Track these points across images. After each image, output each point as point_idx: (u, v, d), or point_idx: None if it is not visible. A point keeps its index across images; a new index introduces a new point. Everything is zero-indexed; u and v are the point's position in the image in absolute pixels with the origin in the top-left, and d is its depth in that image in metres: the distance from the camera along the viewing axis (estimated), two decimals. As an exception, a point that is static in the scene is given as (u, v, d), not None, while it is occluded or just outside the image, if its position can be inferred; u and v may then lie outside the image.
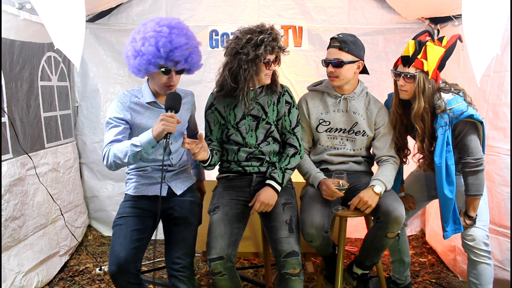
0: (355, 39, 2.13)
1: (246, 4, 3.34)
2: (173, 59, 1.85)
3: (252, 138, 2.08)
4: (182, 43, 1.85)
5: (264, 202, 1.99)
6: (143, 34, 1.83)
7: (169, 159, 2.07)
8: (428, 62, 1.98)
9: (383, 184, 2.04)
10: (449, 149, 2.02)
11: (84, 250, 3.21)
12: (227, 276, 1.89)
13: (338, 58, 2.07)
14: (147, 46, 1.80)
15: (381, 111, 2.20)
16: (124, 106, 1.95)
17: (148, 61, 1.82)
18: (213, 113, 2.09)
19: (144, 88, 2.01)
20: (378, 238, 2.04)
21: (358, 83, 2.21)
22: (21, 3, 2.39)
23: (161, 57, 1.82)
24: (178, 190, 2.09)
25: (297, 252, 1.91)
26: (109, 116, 1.94)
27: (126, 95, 1.99)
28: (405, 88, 2.04)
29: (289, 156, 2.10)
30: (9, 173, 2.39)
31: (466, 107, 1.98)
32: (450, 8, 2.81)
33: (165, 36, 1.81)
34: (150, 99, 1.98)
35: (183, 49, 1.85)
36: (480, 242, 2.10)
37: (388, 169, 2.13)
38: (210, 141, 2.11)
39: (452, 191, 2.05)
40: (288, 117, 2.11)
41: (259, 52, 1.88)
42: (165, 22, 1.87)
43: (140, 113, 1.98)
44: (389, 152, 2.19)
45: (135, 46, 1.83)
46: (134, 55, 1.84)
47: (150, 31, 1.82)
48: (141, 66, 1.84)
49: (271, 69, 1.98)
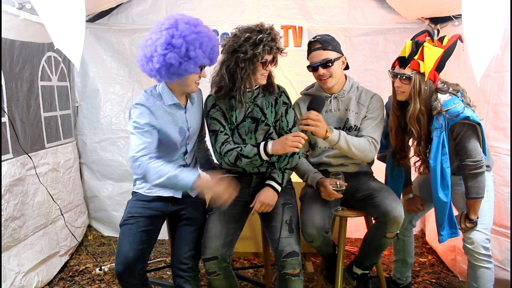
0: (332, 37, 2.14)
1: (246, 4, 3.34)
2: (212, 57, 1.89)
3: (251, 140, 2.08)
4: (216, 39, 1.91)
5: (265, 203, 1.99)
6: (182, 39, 1.77)
7: (184, 159, 2.05)
8: (424, 63, 1.95)
9: (341, 135, 1.99)
10: (444, 152, 1.99)
11: (84, 250, 3.21)
12: (222, 276, 1.90)
13: (326, 57, 2.07)
14: (194, 50, 1.78)
15: (372, 100, 2.17)
16: (150, 110, 1.88)
17: (196, 64, 1.81)
18: (218, 111, 2.07)
19: (163, 90, 1.94)
20: (377, 238, 2.04)
21: (346, 80, 2.20)
22: (21, 3, 2.39)
23: (205, 57, 1.84)
24: (193, 192, 2.06)
25: (297, 253, 1.91)
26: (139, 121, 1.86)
27: (148, 97, 1.92)
28: (402, 89, 2.03)
29: (288, 156, 2.09)
30: (9, 173, 2.39)
31: (462, 108, 1.94)
32: (450, 8, 2.81)
33: (204, 36, 1.83)
34: (172, 101, 1.94)
35: (217, 45, 1.91)
36: (479, 246, 2.08)
37: (358, 138, 2.06)
38: (226, 135, 2.03)
39: (447, 195, 2.03)
40: (285, 117, 2.10)
41: (257, 51, 1.88)
42: (193, 20, 1.85)
43: (164, 118, 1.92)
44: (369, 133, 2.10)
45: (179, 52, 1.76)
46: (179, 62, 1.77)
47: (189, 33, 1.78)
48: (187, 70, 1.81)
49: (267, 70, 1.98)
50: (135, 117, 1.87)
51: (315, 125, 1.92)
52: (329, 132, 1.96)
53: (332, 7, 3.35)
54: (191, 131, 2.03)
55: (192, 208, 2.04)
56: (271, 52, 1.93)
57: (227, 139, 2.03)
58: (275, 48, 1.92)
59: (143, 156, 1.81)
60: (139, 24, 3.34)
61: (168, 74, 1.82)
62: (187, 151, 2.05)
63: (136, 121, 1.86)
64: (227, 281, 1.93)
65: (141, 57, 1.85)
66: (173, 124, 1.95)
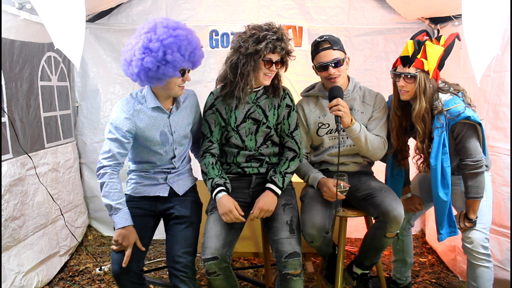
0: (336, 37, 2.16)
1: (246, 4, 3.34)
2: (193, 60, 1.87)
3: (251, 142, 2.07)
4: (197, 42, 1.88)
5: (264, 209, 1.97)
6: (159, 43, 1.76)
7: (172, 162, 2.06)
8: (428, 62, 1.96)
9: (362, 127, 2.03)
10: (445, 151, 2.00)
11: (84, 250, 3.21)
12: (222, 276, 1.90)
13: (336, 57, 2.07)
14: (171, 53, 1.77)
15: (377, 98, 2.21)
16: (128, 114, 1.91)
17: (174, 67, 1.80)
18: (214, 113, 2.07)
19: (147, 93, 1.96)
20: (377, 237, 2.04)
21: (349, 80, 2.21)
22: (21, 3, 2.39)
23: (185, 61, 1.82)
24: (180, 190, 2.09)
25: (298, 253, 1.90)
26: (112, 122, 1.91)
27: (128, 102, 1.95)
28: (406, 88, 2.02)
29: (289, 160, 2.08)
30: (9, 173, 2.39)
31: (463, 108, 1.95)
32: (450, 8, 2.81)
33: (183, 39, 1.81)
34: (154, 104, 1.95)
35: (199, 48, 1.88)
36: (478, 245, 2.08)
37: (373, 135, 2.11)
38: (210, 143, 2.07)
39: (447, 194, 2.03)
40: (287, 120, 2.09)
41: (259, 47, 1.86)
42: (172, 24, 1.84)
43: (143, 122, 1.95)
44: (379, 133, 2.15)
45: (156, 56, 1.76)
46: (156, 66, 1.77)
47: (167, 37, 1.78)
48: (166, 74, 1.80)
49: (272, 70, 1.95)
50: (112, 120, 1.92)
51: (345, 111, 1.96)
52: (354, 120, 2.01)
53: (332, 7, 3.36)
54: (176, 135, 2.02)
55: (181, 206, 2.04)
56: (275, 51, 1.90)
57: (209, 147, 2.06)
58: (279, 47, 1.90)
59: (107, 167, 1.91)
60: (139, 24, 3.33)
61: (147, 78, 1.83)
62: (175, 156, 2.05)
63: (112, 124, 1.92)
64: (227, 281, 1.93)
65: (122, 61, 1.87)
66: (154, 127, 1.97)
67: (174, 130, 2.02)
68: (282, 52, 1.93)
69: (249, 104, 2.05)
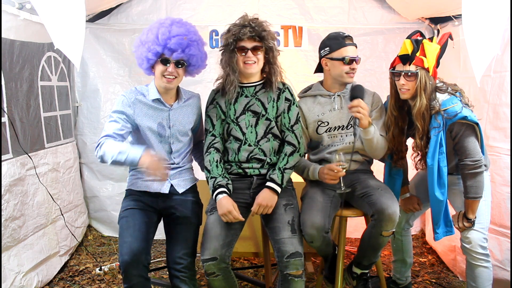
0: None
1: (246, 4, 3.34)
2: (170, 47, 1.92)
3: (252, 134, 2.08)
4: (180, 32, 1.94)
5: (262, 204, 1.98)
6: (149, 27, 1.96)
7: (171, 158, 2.08)
8: (427, 59, 1.98)
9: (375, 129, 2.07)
10: (441, 151, 2.01)
11: (84, 250, 3.21)
12: (221, 276, 1.90)
13: (358, 55, 2.12)
14: (149, 35, 1.93)
15: (374, 97, 2.23)
16: (129, 101, 2.00)
17: (148, 48, 1.92)
18: (215, 107, 2.10)
19: (151, 86, 2.06)
20: (373, 236, 2.04)
21: None
22: (21, 3, 2.39)
23: (159, 44, 1.91)
24: (180, 188, 2.10)
25: (300, 253, 1.91)
26: (113, 109, 2.01)
27: (132, 91, 2.05)
28: (407, 86, 2.03)
29: (287, 155, 2.08)
30: (9, 173, 2.39)
31: (460, 108, 1.96)
32: (450, 8, 2.81)
33: (165, 26, 1.93)
34: (155, 96, 2.02)
35: (180, 38, 1.93)
36: (476, 245, 2.08)
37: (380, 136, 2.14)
38: (213, 137, 2.09)
39: (443, 193, 2.04)
40: (287, 114, 2.10)
41: (230, 38, 1.96)
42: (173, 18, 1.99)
43: (143, 111, 2.02)
44: (381, 132, 2.18)
45: (141, 37, 1.96)
46: (138, 45, 1.97)
47: (156, 24, 1.96)
48: (142, 54, 1.94)
49: (248, 57, 1.98)
50: (114, 107, 2.02)
51: (364, 114, 1.98)
52: (371, 123, 2.03)
53: (332, 7, 3.36)
54: (174, 129, 2.06)
55: (182, 207, 2.06)
56: (244, 38, 1.95)
57: (213, 141, 2.09)
58: (248, 33, 1.94)
59: (101, 139, 1.93)
60: (139, 24, 3.33)
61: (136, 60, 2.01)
62: (172, 150, 2.08)
63: (113, 110, 2.02)
64: (226, 282, 1.93)
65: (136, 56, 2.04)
66: (152, 118, 2.03)
67: (173, 124, 2.06)
68: (254, 37, 1.97)
69: (248, 97, 2.08)
